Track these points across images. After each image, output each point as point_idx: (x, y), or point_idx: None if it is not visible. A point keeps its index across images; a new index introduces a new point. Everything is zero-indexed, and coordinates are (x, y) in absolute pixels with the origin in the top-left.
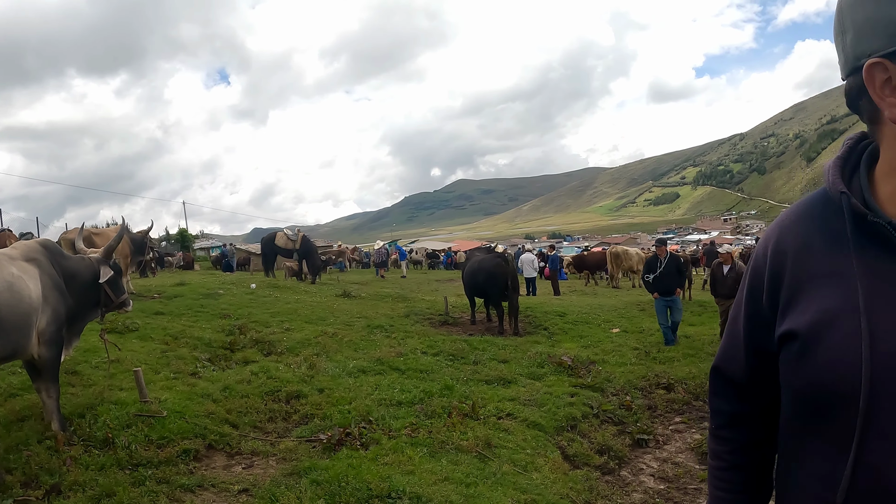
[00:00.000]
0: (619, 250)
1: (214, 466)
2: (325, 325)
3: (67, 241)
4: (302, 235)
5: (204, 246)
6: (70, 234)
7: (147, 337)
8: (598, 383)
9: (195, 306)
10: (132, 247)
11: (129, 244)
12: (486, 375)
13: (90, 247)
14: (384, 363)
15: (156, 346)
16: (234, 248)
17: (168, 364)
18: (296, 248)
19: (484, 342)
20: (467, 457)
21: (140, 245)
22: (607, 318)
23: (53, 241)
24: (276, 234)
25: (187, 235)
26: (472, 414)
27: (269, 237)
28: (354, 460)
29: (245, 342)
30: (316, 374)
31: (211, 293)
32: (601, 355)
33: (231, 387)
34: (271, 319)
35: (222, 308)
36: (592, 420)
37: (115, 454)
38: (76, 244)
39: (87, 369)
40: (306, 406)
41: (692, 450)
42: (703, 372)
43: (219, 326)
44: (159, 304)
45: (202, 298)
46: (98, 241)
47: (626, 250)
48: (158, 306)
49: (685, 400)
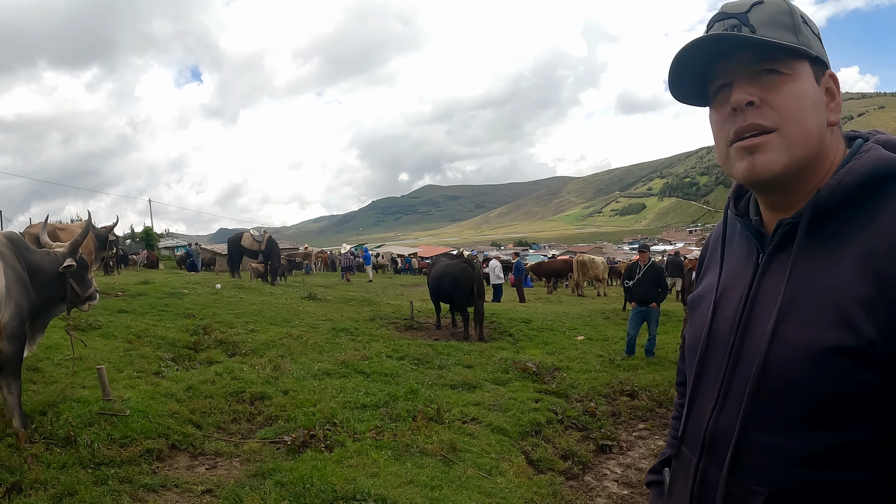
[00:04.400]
0: (585, 259)
1: (177, 467)
2: (289, 328)
3: (31, 235)
4: (268, 237)
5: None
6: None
7: (110, 335)
8: (563, 389)
9: (159, 305)
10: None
11: (94, 240)
12: (451, 380)
13: (54, 241)
14: (349, 366)
15: (119, 345)
16: (200, 247)
17: (131, 363)
18: (261, 250)
19: (449, 347)
20: (432, 460)
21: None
22: (572, 326)
23: (19, 234)
24: (243, 234)
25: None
26: (436, 418)
27: (236, 238)
28: (319, 462)
29: (209, 342)
30: (280, 375)
31: (175, 292)
32: (566, 362)
33: (195, 387)
34: (236, 320)
35: (187, 308)
36: (557, 426)
37: (77, 452)
38: (41, 238)
39: (49, 366)
40: (270, 407)
41: (655, 456)
42: (667, 380)
43: (183, 326)
44: (123, 302)
45: (166, 297)
46: (62, 237)
47: (593, 259)
48: (122, 304)
49: (649, 407)
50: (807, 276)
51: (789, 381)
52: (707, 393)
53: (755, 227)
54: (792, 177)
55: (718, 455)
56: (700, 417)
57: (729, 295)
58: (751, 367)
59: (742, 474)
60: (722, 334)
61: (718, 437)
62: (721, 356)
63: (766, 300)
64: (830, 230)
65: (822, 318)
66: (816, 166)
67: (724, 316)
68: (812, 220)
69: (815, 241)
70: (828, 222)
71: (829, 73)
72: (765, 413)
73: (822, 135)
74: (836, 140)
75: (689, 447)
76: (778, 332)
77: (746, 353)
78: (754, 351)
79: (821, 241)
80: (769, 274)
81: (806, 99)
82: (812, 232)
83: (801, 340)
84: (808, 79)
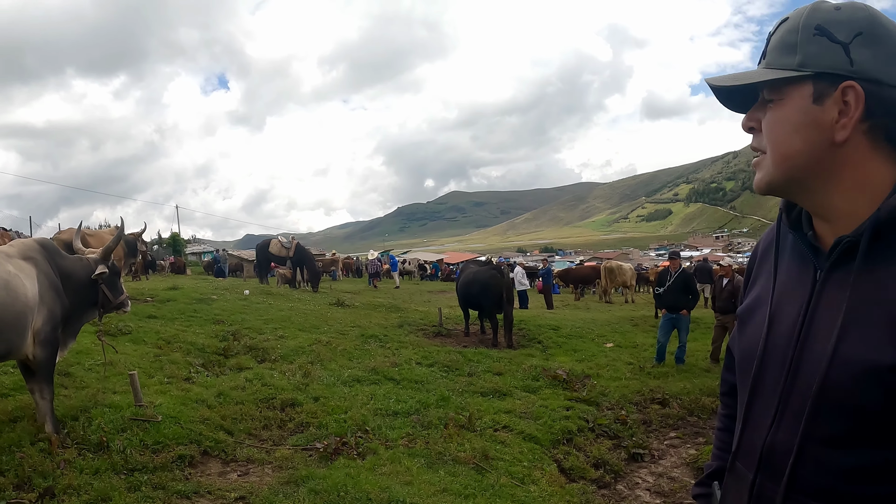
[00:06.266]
0: (612, 265)
1: (210, 473)
2: (318, 334)
3: (61, 241)
4: (296, 243)
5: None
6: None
7: (140, 340)
8: (594, 397)
9: (188, 311)
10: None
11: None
12: (482, 387)
13: (85, 247)
14: (379, 373)
15: (149, 350)
16: (227, 253)
17: (161, 368)
18: (289, 256)
19: (478, 354)
20: (465, 468)
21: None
22: (601, 333)
23: (51, 241)
24: (271, 241)
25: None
26: (468, 425)
27: (264, 244)
28: (352, 470)
29: (239, 348)
30: (310, 382)
31: (204, 298)
32: (595, 369)
33: (225, 393)
34: (265, 326)
35: (216, 314)
36: (588, 434)
37: (109, 458)
38: (74, 244)
39: (81, 371)
40: (301, 414)
41: (687, 465)
42: (698, 387)
43: (212, 332)
44: (152, 307)
45: (195, 303)
46: (92, 242)
47: (620, 265)
48: (151, 310)
49: (680, 415)
50: (867, 293)
51: (849, 399)
52: (763, 408)
53: (810, 242)
54: (787, 191)
55: (776, 471)
56: (756, 433)
57: (785, 309)
58: (810, 385)
59: (800, 490)
60: (779, 349)
61: (776, 452)
62: (778, 372)
63: (825, 317)
64: (890, 247)
65: (882, 337)
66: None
67: (780, 331)
68: (872, 238)
69: (874, 259)
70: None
71: (847, 85)
72: (823, 429)
73: (813, 154)
74: (861, 155)
75: (744, 462)
76: (838, 350)
77: (805, 370)
78: (814, 368)
79: (880, 259)
80: (827, 290)
81: (784, 124)
82: (871, 249)
83: (861, 359)
84: (797, 101)
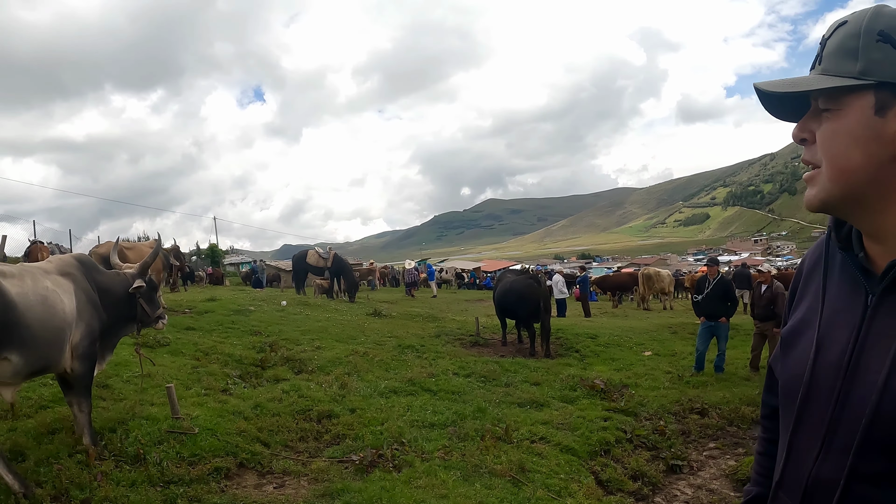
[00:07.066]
0: (650, 272)
1: (246, 485)
2: (355, 344)
3: (98, 255)
4: (333, 254)
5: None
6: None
7: (178, 352)
8: (632, 407)
9: (226, 322)
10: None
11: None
12: (519, 398)
13: (123, 261)
14: (416, 384)
15: (187, 362)
16: (264, 264)
17: (199, 380)
18: (327, 266)
19: (515, 364)
20: (501, 481)
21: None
22: (639, 341)
23: (89, 256)
24: (308, 251)
25: (217, 251)
26: (505, 437)
27: (301, 255)
28: (388, 482)
29: (276, 360)
30: (347, 393)
31: (241, 309)
32: (634, 379)
33: (262, 405)
34: (302, 337)
35: (253, 325)
36: (626, 445)
37: (146, 470)
38: (111, 259)
39: (118, 383)
40: (338, 426)
41: (727, 476)
42: (738, 397)
43: (249, 343)
44: (190, 319)
45: (233, 314)
46: (130, 256)
47: (658, 272)
48: (189, 321)
49: (719, 425)
50: None
51: None
52: (808, 440)
53: (861, 264)
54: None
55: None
56: (801, 465)
57: (833, 334)
58: (859, 418)
59: None
60: (826, 379)
61: (821, 486)
62: (825, 401)
63: (877, 345)
64: None
65: None
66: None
67: (828, 357)
68: None
69: None
70: None
71: None
72: (872, 466)
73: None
74: None
75: (787, 495)
76: (890, 382)
77: (854, 402)
78: (864, 400)
79: None
80: (880, 316)
81: (842, 136)
82: None
83: None
84: (856, 112)
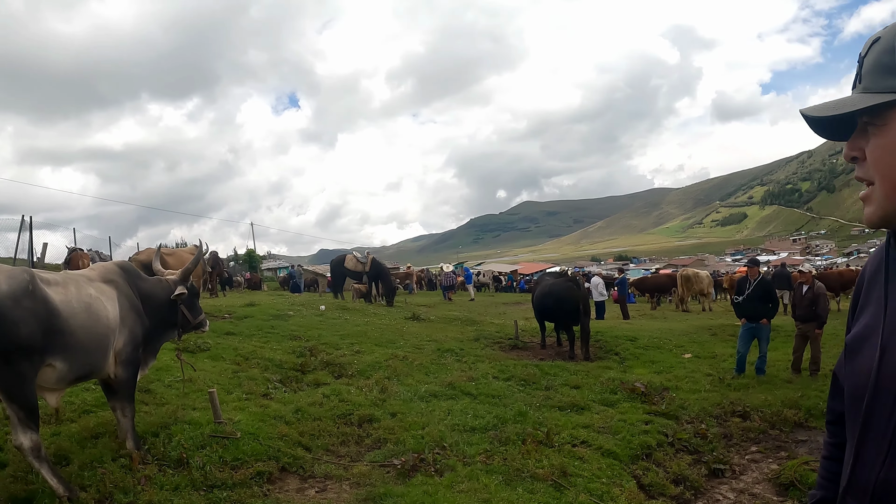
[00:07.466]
0: (689, 273)
1: (288, 489)
2: (394, 348)
3: (138, 262)
4: (371, 258)
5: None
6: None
7: (218, 357)
8: (673, 410)
9: (265, 327)
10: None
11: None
12: (559, 401)
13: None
14: (456, 388)
15: (227, 367)
16: (302, 269)
17: (240, 384)
18: (365, 271)
19: (555, 367)
20: (543, 485)
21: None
22: (678, 343)
23: (131, 264)
24: (346, 256)
25: (255, 256)
26: (546, 441)
27: (339, 259)
28: (430, 487)
29: (315, 364)
30: (387, 397)
31: (280, 314)
32: (674, 381)
33: (303, 409)
34: (341, 342)
35: (292, 329)
36: (667, 448)
37: (189, 475)
38: (154, 266)
39: (160, 388)
40: (379, 430)
41: (769, 480)
42: (780, 399)
43: (289, 348)
44: (230, 324)
45: (272, 319)
46: (171, 262)
47: (697, 273)
48: (229, 326)
49: (761, 429)
50: None
51: None
52: (875, 445)
53: None
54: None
55: None
56: (868, 470)
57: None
58: None
59: None
60: (891, 384)
61: (889, 490)
62: (891, 407)
63: None
64: None
65: None
66: None
67: (892, 364)
68: None
69: None
70: None
71: None
72: None
73: None
74: None
75: (855, 499)
76: None
77: None
78: None
79: None
80: None
81: (890, 151)
82: None
83: None
84: None
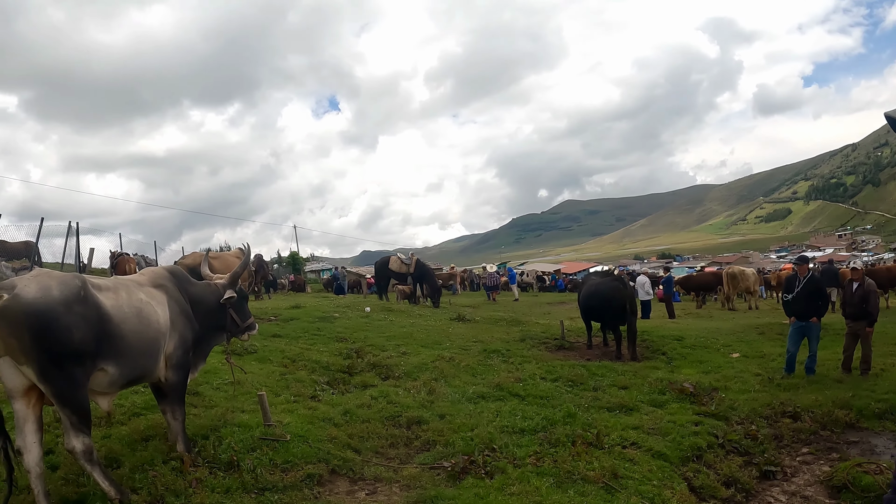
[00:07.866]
0: (735, 271)
1: (338, 492)
2: (441, 350)
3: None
4: (416, 259)
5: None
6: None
7: (266, 359)
8: (722, 411)
9: (311, 329)
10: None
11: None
12: (608, 402)
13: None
14: (503, 389)
15: (275, 369)
16: (346, 270)
17: (287, 387)
18: (409, 272)
19: (602, 367)
20: (594, 487)
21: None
22: (726, 343)
23: (180, 269)
24: (390, 257)
25: (298, 258)
26: (596, 443)
27: (383, 261)
28: (481, 490)
29: (362, 366)
30: (435, 399)
31: (326, 316)
32: (723, 382)
33: (351, 411)
34: (387, 343)
35: (338, 331)
36: (718, 450)
37: (240, 477)
38: (202, 270)
39: (209, 391)
40: (427, 432)
41: (821, 483)
42: (830, 399)
43: (336, 350)
44: (276, 326)
45: (318, 321)
46: (216, 265)
47: (743, 271)
48: (276, 329)
49: (812, 430)
50: None
51: None
52: None
53: None
54: None
55: None
56: None
57: None
58: None
59: None
60: None
61: None
62: None
63: None
64: None
65: None
66: None
67: None
68: None
69: None
70: None
71: None
72: None
73: None
74: None
75: None
76: None
77: None
78: None
79: None
80: None
81: None
82: None
83: None
84: None
